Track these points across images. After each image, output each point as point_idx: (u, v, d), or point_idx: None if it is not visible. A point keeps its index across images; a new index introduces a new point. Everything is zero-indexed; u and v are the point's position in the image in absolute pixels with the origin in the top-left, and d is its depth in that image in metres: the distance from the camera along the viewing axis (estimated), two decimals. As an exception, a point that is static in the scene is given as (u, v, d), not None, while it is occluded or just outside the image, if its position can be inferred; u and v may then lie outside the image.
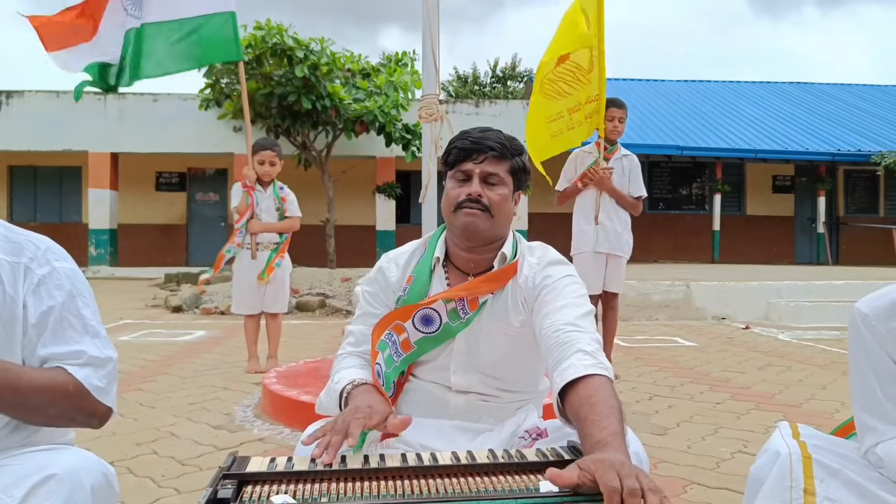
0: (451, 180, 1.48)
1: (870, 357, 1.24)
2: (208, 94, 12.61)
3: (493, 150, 1.43)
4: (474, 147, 1.44)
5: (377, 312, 1.51)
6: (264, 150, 4.43)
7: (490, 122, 14.69)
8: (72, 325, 1.20)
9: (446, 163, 1.50)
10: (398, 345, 1.44)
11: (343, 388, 1.37)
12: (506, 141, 1.46)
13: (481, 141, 1.44)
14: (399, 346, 1.44)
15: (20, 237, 1.23)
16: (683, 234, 16.44)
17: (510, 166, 1.46)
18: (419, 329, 1.44)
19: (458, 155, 1.45)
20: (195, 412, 3.43)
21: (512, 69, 31.02)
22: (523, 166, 1.49)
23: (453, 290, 1.45)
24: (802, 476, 1.21)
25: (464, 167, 1.44)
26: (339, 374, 1.43)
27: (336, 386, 1.39)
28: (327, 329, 6.88)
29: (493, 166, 1.43)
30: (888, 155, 14.36)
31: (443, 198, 1.52)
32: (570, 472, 0.91)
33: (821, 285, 8.31)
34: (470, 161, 1.44)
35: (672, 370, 4.73)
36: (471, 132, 1.47)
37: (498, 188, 1.44)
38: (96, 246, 14.42)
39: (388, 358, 1.43)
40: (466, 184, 1.44)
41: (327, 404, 1.42)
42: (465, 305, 1.44)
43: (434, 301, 1.44)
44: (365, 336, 1.50)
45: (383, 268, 1.55)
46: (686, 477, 2.49)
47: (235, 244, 4.45)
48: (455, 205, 1.44)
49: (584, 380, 1.15)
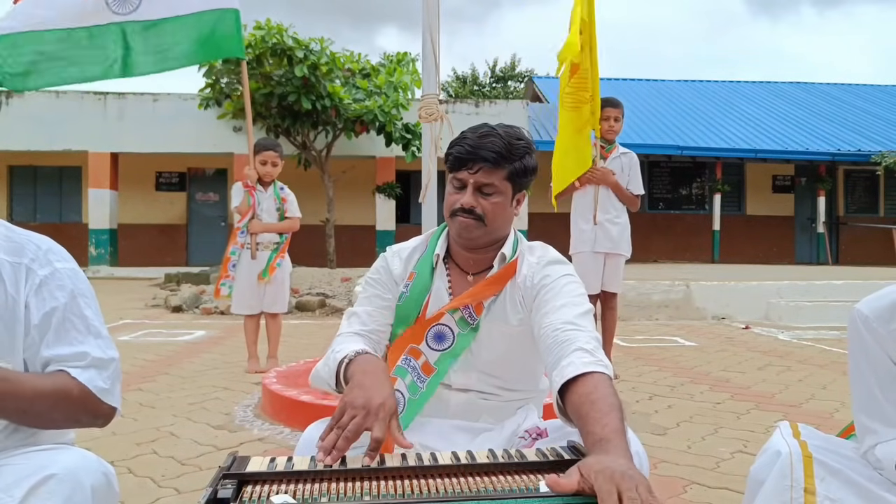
0: (449, 184, 1.48)
1: (870, 358, 1.24)
2: (208, 93, 12.61)
3: (486, 160, 1.40)
4: (469, 157, 1.42)
5: (385, 296, 1.50)
6: (266, 150, 4.43)
7: (490, 121, 14.60)
8: (75, 326, 1.20)
9: (446, 164, 1.50)
10: (419, 370, 1.43)
11: (343, 359, 1.30)
12: (503, 148, 1.41)
13: (476, 150, 1.41)
14: (420, 371, 1.43)
15: (21, 238, 1.23)
16: (683, 234, 16.44)
17: (507, 173, 1.43)
18: (434, 348, 1.44)
19: (455, 163, 1.45)
20: (195, 412, 3.43)
21: (511, 69, 31.04)
22: (524, 169, 1.45)
23: (457, 299, 1.45)
24: (803, 475, 1.21)
25: (459, 175, 1.44)
26: (340, 345, 1.37)
27: (336, 355, 1.33)
28: (327, 329, 6.88)
29: (488, 176, 1.41)
30: (888, 155, 14.36)
31: (444, 199, 1.53)
32: (570, 480, 0.91)
33: (821, 285, 8.30)
34: (465, 170, 1.43)
35: (672, 370, 4.73)
36: (469, 137, 1.44)
37: (492, 197, 1.43)
38: (96, 246, 14.43)
39: (411, 385, 1.42)
40: (462, 192, 1.44)
41: (324, 374, 1.36)
42: (472, 311, 1.44)
43: (442, 315, 1.44)
44: (371, 316, 1.47)
45: (388, 259, 1.55)
46: (686, 477, 2.49)
47: (238, 245, 4.45)
48: (451, 211, 1.46)
49: (583, 377, 1.15)
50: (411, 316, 1.48)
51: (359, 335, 1.44)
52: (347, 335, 1.44)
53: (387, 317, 1.49)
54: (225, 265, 4.47)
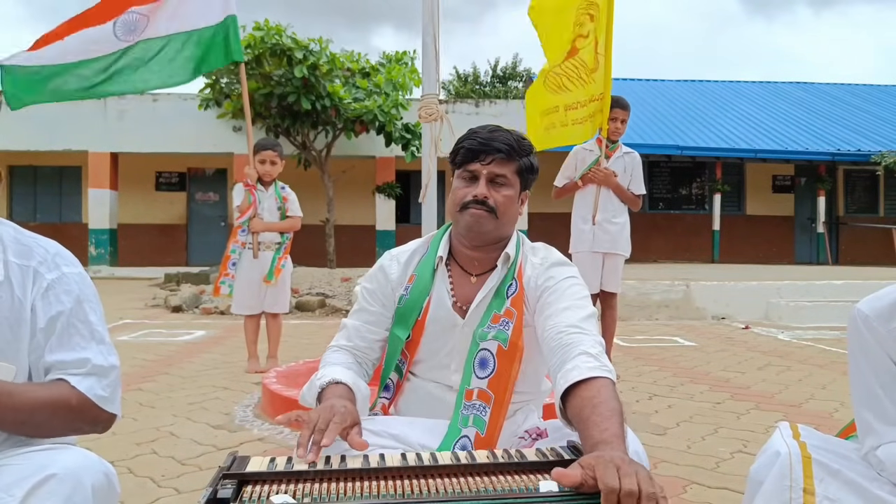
0: (458, 179, 1.48)
1: (870, 358, 1.24)
2: (208, 94, 12.62)
3: (500, 151, 1.43)
4: (482, 148, 1.43)
5: (372, 310, 1.52)
6: (265, 149, 4.45)
7: (490, 121, 14.58)
8: (79, 332, 1.21)
9: (454, 162, 1.50)
10: (485, 406, 1.40)
11: (325, 384, 1.36)
12: (514, 142, 1.45)
13: (489, 142, 1.43)
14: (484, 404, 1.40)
15: (29, 240, 1.23)
16: (683, 234, 16.43)
17: (517, 167, 1.46)
18: (481, 376, 1.40)
19: (466, 155, 1.45)
20: (195, 412, 3.43)
21: (513, 68, 31.11)
22: (531, 166, 1.49)
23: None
24: (802, 476, 1.21)
25: (471, 167, 1.45)
26: (324, 369, 1.43)
27: (318, 382, 1.37)
28: (327, 329, 6.88)
29: (501, 167, 1.44)
30: (888, 155, 14.36)
31: (449, 196, 1.52)
32: (574, 471, 0.92)
33: (820, 285, 8.31)
34: (477, 162, 1.44)
35: (672, 370, 4.73)
36: (479, 132, 1.46)
37: (504, 189, 1.44)
38: (96, 246, 14.42)
39: (476, 419, 1.38)
40: (473, 184, 1.45)
41: (309, 398, 1.40)
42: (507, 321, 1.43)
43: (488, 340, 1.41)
44: (358, 332, 1.51)
45: (384, 265, 1.55)
46: (686, 477, 2.49)
47: (239, 243, 4.45)
48: (461, 205, 1.45)
49: (586, 382, 1.15)
50: (411, 318, 1.47)
51: (344, 352, 1.49)
52: (334, 351, 1.50)
53: (373, 332, 1.51)
54: (225, 263, 4.47)
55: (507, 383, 1.37)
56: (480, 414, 1.35)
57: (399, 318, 1.49)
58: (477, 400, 1.37)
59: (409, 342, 1.48)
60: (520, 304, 1.42)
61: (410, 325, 1.47)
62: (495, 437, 1.34)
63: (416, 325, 1.47)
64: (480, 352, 1.39)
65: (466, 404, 1.37)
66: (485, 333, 1.40)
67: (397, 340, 1.49)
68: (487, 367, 1.38)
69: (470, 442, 1.33)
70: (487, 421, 1.34)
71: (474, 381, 1.38)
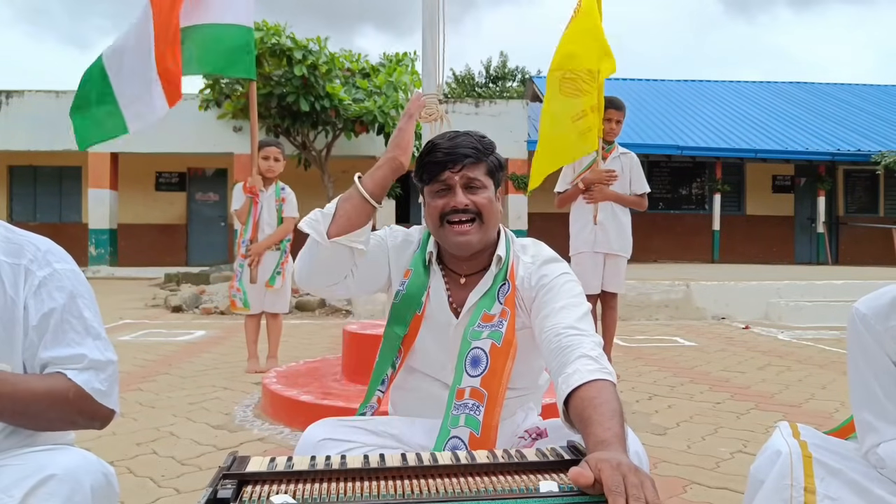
0: (430, 195, 1.44)
1: (869, 357, 1.24)
2: (208, 94, 12.60)
3: (468, 156, 1.40)
4: (448, 157, 1.40)
5: (372, 250, 1.47)
6: (268, 146, 4.53)
7: (490, 121, 14.71)
8: (73, 327, 1.20)
9: (421, 179, 1.45)
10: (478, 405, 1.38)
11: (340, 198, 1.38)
12: (477, 143, 1.42)
13: (454, 149, 1.40)
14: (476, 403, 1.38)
15: (20, 238, 1.23)
16: (683, 234, 16.43)
17: (487, 167, 1.43)
18: (473, 374, 1.38)
19: (434, 168, 1.41)
20: (195, 412, 3.43)
21: (503, 67, 31.31)
22: (499, 164, 1.47)
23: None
24: (803, 475, 1.21)
25: (443, 178, 1.41)
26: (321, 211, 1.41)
27: (328, 206, 1.38)
28: (327, 329, 6.88)
29: (472, 171, 1.41)
30: (888, 154, 14.36)
31: (424, 213, 1.47)
32: (589, 472, 0.91)
33: (820, 285, 8.31)
34: (447, 171, 1.40)
35: (672, 370, 4.73)
36: (439, 143, 1.42)
37: (481, 192, 1.42)
38: (96, 246, 14.42)
39: (468, 419, 1.37)
40: (448, 194, 1.41)
41: (317, 223, 1.38)
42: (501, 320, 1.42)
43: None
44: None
45: (386, 233, 1.54)
46: (686, 477, 2.49)
47: (242, 257, 4.52)
48: (440, 216, 1.41)
49: (588, 383, 1.15)
50: (409, 314, 1.46)
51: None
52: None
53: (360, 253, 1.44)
54: (234, 279, 4.56)
55: (501, 380, 1.35)
56: (474, 413, 1.33)
57: (396, 314, 1.48)
58: (469, 398, 1.34)
59: (405, 338, 1.47)
60: (512, 303, 1.41)
61: (408, 321, 1.46)
62: (492, 436, 1.32)
63: (413, 321, 1.46)
64: (473, 350, 1.37)
65: (457, 403, 1.35)
66: (477, 333, 1.39)
67: (395, 337, 1.47)
68: (480, 365, 1.36)
69: (462, 443, 1.31)
70: (482, 420, 1.32)
71: (466, 380, 1.36)
